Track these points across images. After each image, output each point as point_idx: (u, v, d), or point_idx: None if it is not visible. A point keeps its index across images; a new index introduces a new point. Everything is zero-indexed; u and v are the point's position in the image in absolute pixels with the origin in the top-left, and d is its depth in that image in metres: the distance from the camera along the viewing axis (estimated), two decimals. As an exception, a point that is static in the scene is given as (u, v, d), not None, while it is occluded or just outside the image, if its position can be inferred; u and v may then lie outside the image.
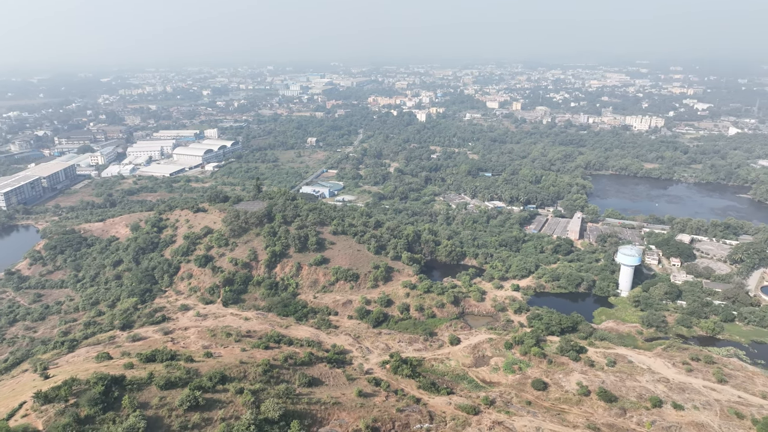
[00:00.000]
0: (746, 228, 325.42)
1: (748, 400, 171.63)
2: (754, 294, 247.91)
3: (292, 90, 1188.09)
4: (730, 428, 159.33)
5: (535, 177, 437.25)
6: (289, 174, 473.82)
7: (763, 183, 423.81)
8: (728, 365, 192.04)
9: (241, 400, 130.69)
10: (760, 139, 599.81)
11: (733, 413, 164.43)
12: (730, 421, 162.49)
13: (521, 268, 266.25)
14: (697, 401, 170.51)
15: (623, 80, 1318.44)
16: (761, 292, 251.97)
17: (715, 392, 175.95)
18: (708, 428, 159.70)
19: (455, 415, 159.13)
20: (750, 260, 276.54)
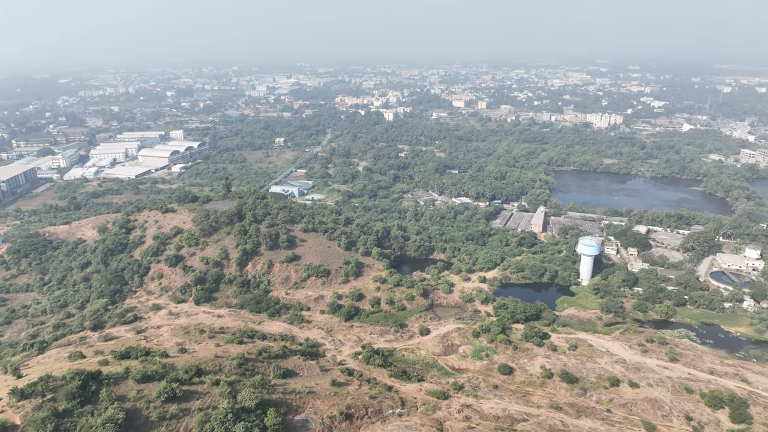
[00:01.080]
0: (697, 218, 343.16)
1: (697, 377, 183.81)
2: (704, 279, 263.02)
3: (258, 90, 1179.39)
4: (680, 402, 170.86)
5: (500, 173, 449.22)
6: (258, 174, 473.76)
7: (713, 176, 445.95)
8: (680, 345, 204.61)
9: (218, 391, 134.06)
10: (711, 135, 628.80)
11: (684, 388, 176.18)
12: (680, 395, 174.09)
13: (487, 261, 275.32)
14: (651, 379, 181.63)
15: (584, 79, 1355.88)
16: (710, 277, 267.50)
17: (668, 370, 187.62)
18: (661, 403, 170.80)
19: (426, 401, 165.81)
20: (700, 248, 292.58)
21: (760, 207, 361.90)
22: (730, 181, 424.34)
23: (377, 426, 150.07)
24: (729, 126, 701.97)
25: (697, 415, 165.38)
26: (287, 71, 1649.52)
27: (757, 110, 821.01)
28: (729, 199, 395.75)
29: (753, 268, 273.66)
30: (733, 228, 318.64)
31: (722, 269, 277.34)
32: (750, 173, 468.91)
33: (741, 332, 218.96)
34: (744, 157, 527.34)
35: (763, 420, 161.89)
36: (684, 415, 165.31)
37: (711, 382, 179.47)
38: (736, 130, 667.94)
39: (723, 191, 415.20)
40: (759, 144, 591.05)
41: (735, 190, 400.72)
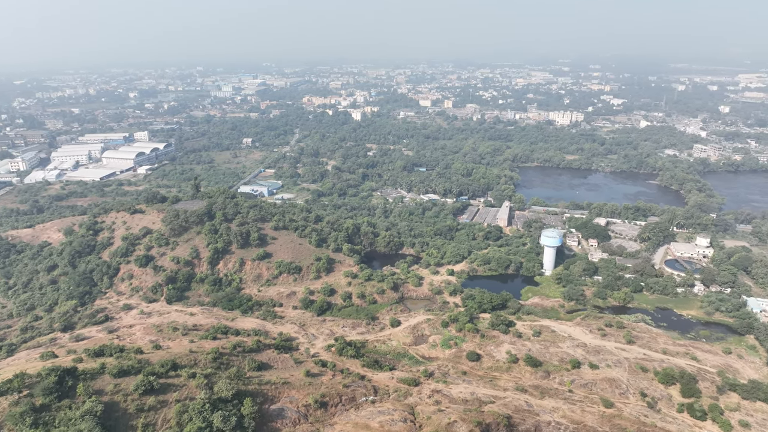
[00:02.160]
0: (653, 210, 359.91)
1: (651, 357, 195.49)
2: (659, 267, 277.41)
3: (224, 91, 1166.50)
4: (636, 381, 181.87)
5: (466, 170, 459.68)
6: (226, 174, 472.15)
7: (668, 170, 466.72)
8: (636, 329, 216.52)
9: (195, 383, 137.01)
10: (666, 131, 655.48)
11: (639, 368, 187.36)
12: (636, 374, 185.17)
13: (455, 255, 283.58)
14: (609, 360, 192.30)
15: (547, 78, 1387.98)
16: (665, 265, 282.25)
17: (625, 352, 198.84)
18: (618, 382, 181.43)
19: (397, 388, 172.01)
20: (656, 238, 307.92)
21: (710, 198, 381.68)
22: (683, 175, 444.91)
23: (351, 413, 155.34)
24: (683, 122, 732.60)
25: (651, 392, 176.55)
26: (253, 71, 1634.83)
27: (709, 107, 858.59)
28: (682, 192, 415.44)
29: (703, 255, 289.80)
30: (686, 218, 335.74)
31: (676, 257, 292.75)
32: (702, 167, 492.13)
33: (692, 315, 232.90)
34: (696, 151, 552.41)
35: (710, 394, 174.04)
36: (639, 392, 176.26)
37: (664, 361, 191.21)
38: (690, 126, 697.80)
39: (677, 184, 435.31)
40: (710, 139, 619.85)
41: (688, 183, 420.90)
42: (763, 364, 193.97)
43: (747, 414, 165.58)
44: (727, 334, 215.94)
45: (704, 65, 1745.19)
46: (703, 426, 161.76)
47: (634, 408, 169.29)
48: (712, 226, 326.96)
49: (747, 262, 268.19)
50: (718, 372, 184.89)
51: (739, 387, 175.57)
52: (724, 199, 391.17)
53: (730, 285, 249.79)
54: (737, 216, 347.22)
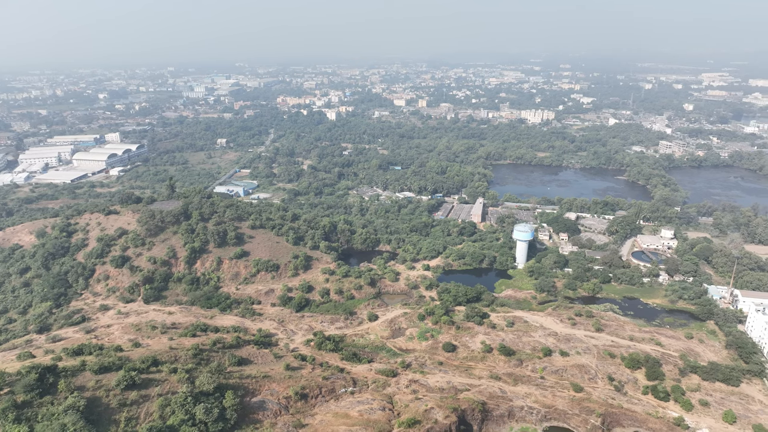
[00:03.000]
0: (621, 204, 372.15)
1: (618, 343, 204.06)
2: (626, 258, 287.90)
3: (196, 92, 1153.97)
4: (604, 366, 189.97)
5: (441, 168, 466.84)
6: (201, 175, 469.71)
7: (635, 166, 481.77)
8: (604, 317, 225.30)
9: (176, 378, 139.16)
10: (633, 128, 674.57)
11: (607, 354, 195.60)
12: (604, 360, 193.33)
13: (431, 250, 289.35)
14: (579, 348, 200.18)
15: (519, 77, 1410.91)
16: (632, 256, 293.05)
17: (594, 339, 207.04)
18: (587, 368, 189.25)
19: (376, 379, 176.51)
20: (623, 231, 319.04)
21: (674, 193, 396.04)
22: (649, 170, 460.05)
23: (331, 403, 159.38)
24: (649, 120, 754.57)
25: (619, 376, 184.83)
26: (226, 72, 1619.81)
27: (674, 105, 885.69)
28: (649, 187, 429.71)
29: (668, 246, 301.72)
30: (652, 212, 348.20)
31: (642, 249, 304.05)
32: (667, 162, 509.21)
33: (657, 303, 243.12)
34: (662, 148, 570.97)
35: (673, 376, 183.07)
36: (607, 376, 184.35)
37: (631, 347, 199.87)
38: (656, 123, 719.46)
39: (644, 179, 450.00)
40: (675, 136, 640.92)
41: (654, 178, 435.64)
42: (722, 347, 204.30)
43: (707, 394, 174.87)
44: (689, 321, 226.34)
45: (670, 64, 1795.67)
46: (666, 406, 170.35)
47: (603, 391, 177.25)
48: (677, 218, 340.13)
49: (708, 253, 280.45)
50: (680, 356, 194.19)
51: (700, 369, 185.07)
52: (688, 193, 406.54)
53: (692, 274, 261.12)
54: (700, 209, 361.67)
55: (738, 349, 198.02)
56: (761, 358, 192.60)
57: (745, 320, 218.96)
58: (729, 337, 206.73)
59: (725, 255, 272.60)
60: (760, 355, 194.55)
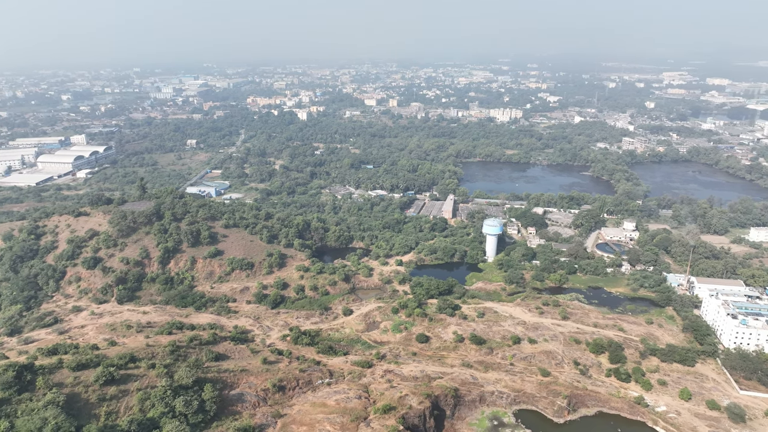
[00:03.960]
0: (586, 199, 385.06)
1: (583, 330, 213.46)
2: (591, 250, 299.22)
3: (164, 92, 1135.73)
4: (570, 351, 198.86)
5: (412, 166, 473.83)
6: (171, 176, 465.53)
7: (599, 162, 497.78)
8: (570, 306, 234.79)
9: (154, 373, 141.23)
10: (598, 126, 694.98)
11: (573, 340, 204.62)
12: (570, 346, 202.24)
13: (403, 246, 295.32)
14: (546, 335, 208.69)
15: (488, 77, 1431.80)
16: (596, 248, 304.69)
17: (560, 327, 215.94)
18: (554, 354, 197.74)
19: (352, 370, 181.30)
20: (588, 224, 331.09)
21: (636, 187, 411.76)
22: (613, 166, 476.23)
23: (309, 394, 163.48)
24: (613, 117, 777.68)
25: (584, 360, 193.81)
26: (194, 72, 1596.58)
27: (637, 103, 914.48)
28: (612, 181, 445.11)
29: (630, 238, 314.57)
30: (615, 205, 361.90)
31: (606, 241, 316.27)
32: (629, 158, 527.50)
33: (620, 291, 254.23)
34: (625, 144, 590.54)
35: (634, 359, 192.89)
36: (573, 361, 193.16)
37: (595, 333, 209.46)
38: (619, 121, 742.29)
39: (607, 174, 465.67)
40: (637, 133, 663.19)
41: (617, 173, 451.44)
42: (679, 331, 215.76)
43: (665, 374, 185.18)
44: (649, 307, 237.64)
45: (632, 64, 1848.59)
46: (627, 387, 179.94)
47: (569, 375, 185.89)
48: (638, 211, 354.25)
49: (667, 243, 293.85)
50: (641, 340, 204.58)
51: (659, 351, 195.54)
52: (649, 187, 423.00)
53: (652, 264, 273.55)
54: (660, 202, 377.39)
55: (694, 332, 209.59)
56: (714, 339, 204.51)
57: (700, 305, 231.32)
58: (686, 321, 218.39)
59: (683, 245, 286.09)
60: (714, 336, 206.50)
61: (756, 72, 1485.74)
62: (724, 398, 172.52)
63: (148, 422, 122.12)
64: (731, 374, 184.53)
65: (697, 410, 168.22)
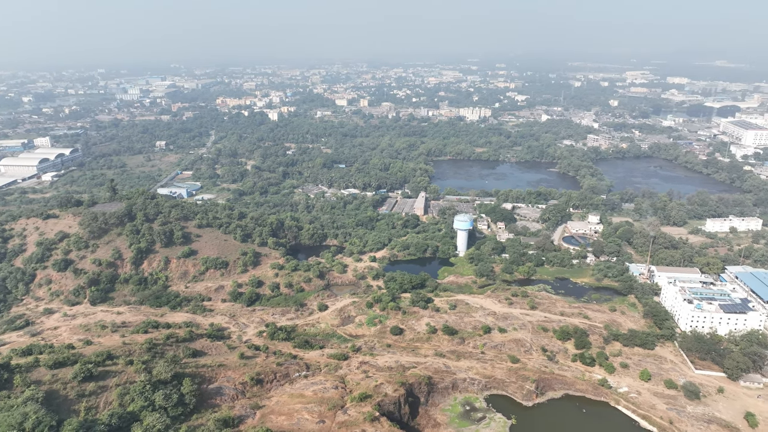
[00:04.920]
0: (553, 194, 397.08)
1: (551, 318, 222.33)
2: (557, 243, 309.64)
3: (131, 94, 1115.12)
4: (538, 339, 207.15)
5: (384, 165, 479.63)
6: (141, 178, 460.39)
7: (565, 158, 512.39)
8: (538, 296, 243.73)
9: (133, 369, 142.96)
10: (564, 124, 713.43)
11: (541, 329, 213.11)
12: (538, 334, 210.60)
13: (376, 242, 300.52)
14: (516, 324, 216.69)
15: (457, 77, 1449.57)
16: (563, 241, 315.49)
17: (529, 316, 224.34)
18: (523, 341, 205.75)
19: (328, 363, 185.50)
20: (555, 218, 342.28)
21: (601, 182, 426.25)
22: (578, 162, 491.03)
23: (286, 386, 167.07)
24: (579, 115, 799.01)
25: (551, 347, 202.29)
26: (160, 73, 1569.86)
27: (601, 101, 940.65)
28: (578, 177, 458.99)
29: (595, 231, 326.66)
30: (580, 200, 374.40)
31: (572, 234, 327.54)
32: (594, 154, 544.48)
33: (585, 282, 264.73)
34: (590, 141, 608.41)
35: (598, 344, 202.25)
36: (541, 348, 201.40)
37: (561, 321, 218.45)
38: (584, 118, 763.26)
39: (573, 170, 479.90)
40: (602, 130, 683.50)
41: (582, 169, 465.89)
42: (640, 317, 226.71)
43: (626, 357, 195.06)
44: (613, 296, 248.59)
45: (597, 63, 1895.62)
46: (592, 370, 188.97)
47: (537, 361, 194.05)
48: (602, 205, 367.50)
49: (629, 235, 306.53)
50: (604, 326, 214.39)
51: (621, 336, 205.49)
52: (613, 182, 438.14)
53: (615, 254, 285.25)
54: (623, 196, 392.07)
55: (653, 318, 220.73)
56: (672, 323, 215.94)
57: (660, 292, 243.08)
58: (646, 308, 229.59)
59: (644, 236, 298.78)
60: (672, 321, 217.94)
61: (713, 71, 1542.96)
62: (680, 378, 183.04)
63: (129, 416, 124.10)
64: (687, 355, 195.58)
65: (656, 389, 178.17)
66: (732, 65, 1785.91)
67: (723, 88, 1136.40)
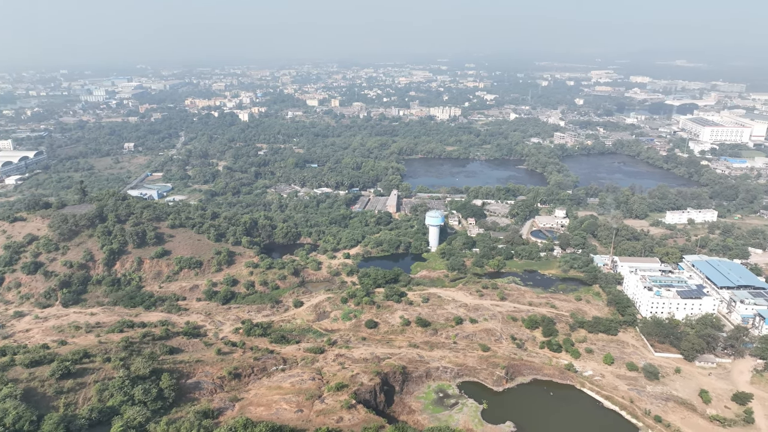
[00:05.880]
0: (521, 190, 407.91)
1: (520, 309, 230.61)
2: (526, 237, 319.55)
3: (96, 95, 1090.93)
4: (508, 328, 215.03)
5: (356, 164, 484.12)
6: (110, 180, 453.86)
7: (533, 155, 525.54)
8: (508, 288, 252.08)
9: (111, 366, 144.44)
10: (531, 122, 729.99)
11: (510, 318, 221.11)
12: (508, 324, 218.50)
13: (350, 240, 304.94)
14: (486, 315, 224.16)
15: (427, 77, 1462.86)
16: (531, 235, 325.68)
17: (499, 307, 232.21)
18: (494, 331, 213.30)
19: (305, 356, 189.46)
20: (523, 213, 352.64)
21: (567, 178, 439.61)
22: (545, 159, 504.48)
23: (264, 380, 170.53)
24: (546, 114, 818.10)
25: (520, 335, 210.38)
26: (126, 74, 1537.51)
27: (567, 100, 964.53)
28: (545, 173, 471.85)
29: (561, 225, 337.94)
30: (548, 195, 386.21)
31: (539, 228, 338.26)
32: (561, 151, 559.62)
33: (552, 273, 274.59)
34: (557, 138, 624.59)
35: (565, 332, 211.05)
36: (510, 336, 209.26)
37: (530, 311, 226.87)
38: (551, 117, 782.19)
39: (540, 167, 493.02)
40: (568, 128, 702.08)
41: (549, 166, 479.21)
42: (604, 305, 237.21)
43: (591, 343, 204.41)
44: (578, 286, 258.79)
45: (564, 63, 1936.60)
46: (559, 356, 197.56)
47: (507, 349, 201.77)
48: (568, 200, 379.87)
49: (594, 228, 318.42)
50: (570, 314, 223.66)
51: (586, 323, 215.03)
52: (578, 178, 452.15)
53: (581, 247, 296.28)
54: (588, 191, 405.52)
55: (616, 305, 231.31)
56: (634, 310, 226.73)
57: (622, 281, 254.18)
58: (609, 296, 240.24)
59: (607, 229, 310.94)
60: (633, 308, 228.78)
61: (673, 70, 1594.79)
62: (641, 360, 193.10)
63: (109, 410, 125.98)
64: (647, 339, 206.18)
65: (618, 372, 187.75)
66: (691, 65, 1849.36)
67: (682, 86, 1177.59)
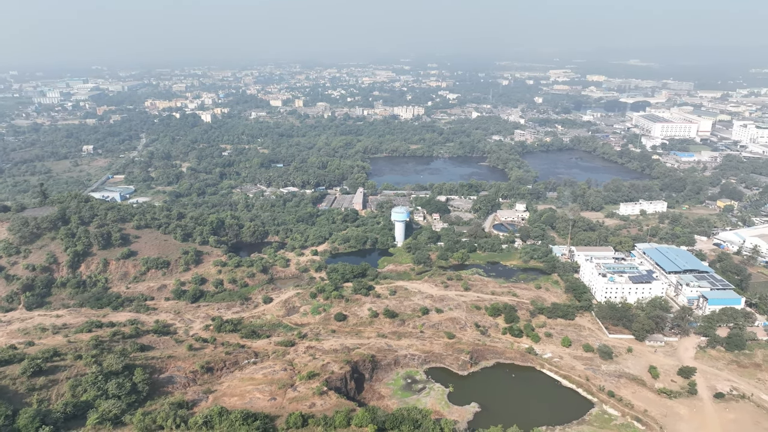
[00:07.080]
0: (483, 186, 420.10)
1: (483, 298, 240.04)
2: (488, 230, 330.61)
3: (50, 97, 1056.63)
4: (472, 317, 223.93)
5: (322, 163, 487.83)
6: (69, 183, 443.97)
7: (494, 152, 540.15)
8: (471, 279, 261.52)
9: (83, 362, 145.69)
10: (493, 120, 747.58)
11: (474, 307, 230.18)
12: (472, 312, 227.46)
13: (317, 237, 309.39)
14: (451, 305, 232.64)
15: (390, 76, 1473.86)
16: (493, 228, 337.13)
17: (463, 297, 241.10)
18: (459, 320, 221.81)
19: (276, 349, 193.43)
20: (485, 208, 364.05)
21: (527, 173, 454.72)
22: (506, 156, 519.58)
23: (236, 373, 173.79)
24: (506, 112, 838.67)
25: (483, 323, 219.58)
26: (82, 75, 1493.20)
27: (527, 98, 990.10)
28: (506, 169, 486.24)
29: (522, 218, 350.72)
30: (509, 190, 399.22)
31: (501, 221, 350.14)
32: (521, 148, 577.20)
33: (514, 264, 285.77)
34: (517, 136, 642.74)
35: (526, 318, 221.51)
36: (474, 324, 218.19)
37: (493, 300, 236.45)
38: (512, 115, 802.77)
39: (502, 164, 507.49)
40: (527, 125, 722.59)
41: (510, 162, 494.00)
42: (562, 292, 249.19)
43: (550, 328, 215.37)
44: (538, 275, 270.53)
45: (523, 62, 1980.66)
46: (520, 341, 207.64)
47: (471, 336, 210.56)
48: (528, 194, 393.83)
49: (552, 220, 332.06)
50: (531, 302, 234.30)
51: (545, 310, 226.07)
52: (538, 173, 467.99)
53: (540, 238, 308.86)
54: (547, 185, 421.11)
55: (573, 292, 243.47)
56: (589, 296, 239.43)
57: (579, 269, 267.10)
58: (567, 284, 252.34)
59: (565, 221, 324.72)
60: (589, 294, 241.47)
61: (627, 69, 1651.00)
62: (596, 342, 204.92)
63: (83, 404, 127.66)
64: (602, 322, 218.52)
65: (575, 353, 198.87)
66: (644, 64, 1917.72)
67: (636, 85, 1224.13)
